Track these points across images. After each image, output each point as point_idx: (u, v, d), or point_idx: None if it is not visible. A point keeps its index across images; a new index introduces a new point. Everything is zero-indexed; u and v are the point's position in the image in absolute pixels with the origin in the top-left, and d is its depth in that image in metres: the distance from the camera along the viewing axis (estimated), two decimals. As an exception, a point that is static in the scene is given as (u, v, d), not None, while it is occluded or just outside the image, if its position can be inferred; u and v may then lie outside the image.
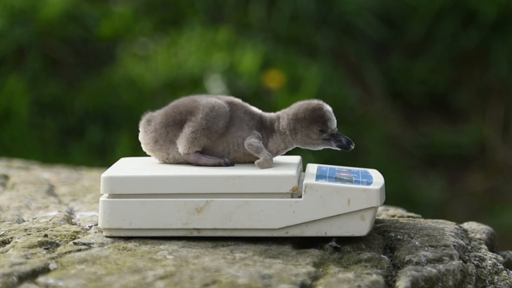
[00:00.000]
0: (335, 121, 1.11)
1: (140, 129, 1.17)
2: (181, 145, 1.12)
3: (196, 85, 2.86)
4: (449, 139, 3.04)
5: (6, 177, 1.50)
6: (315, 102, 1.12)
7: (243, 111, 1.14)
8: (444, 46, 3.13)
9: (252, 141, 1.11)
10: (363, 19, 3.09)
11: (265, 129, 1.13)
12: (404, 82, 3.13)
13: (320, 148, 1.13)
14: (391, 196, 1.59)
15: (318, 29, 3.09)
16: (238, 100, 1.15)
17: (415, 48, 3.17)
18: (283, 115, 1.13)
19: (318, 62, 2.99)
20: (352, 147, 1.11)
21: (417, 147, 3.05)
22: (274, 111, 1.19)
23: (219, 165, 1.12)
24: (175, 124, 1.14)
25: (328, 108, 1.12)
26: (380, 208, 1.30)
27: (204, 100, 1.14)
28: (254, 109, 1.15)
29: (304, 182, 1.08)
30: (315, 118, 1.11)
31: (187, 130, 1.12)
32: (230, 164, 1.12)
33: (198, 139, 1.12)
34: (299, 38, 3.08)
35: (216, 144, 1.13)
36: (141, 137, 1.17)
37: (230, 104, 1.14)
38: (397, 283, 1.00)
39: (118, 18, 3.21)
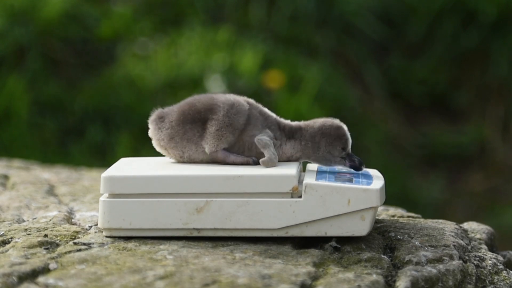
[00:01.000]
0: (351, 141, 1.15)
1: (151, 125, 1.17)
2: (208, 144, 1.13)
3: (196, 85, 2.86)
4: (449, 139, 3.04)
5: (6, 177, 1.50)
6: (337, 121, 1.15)
7: (258, 111, 1.16)
8: (444, 46, 3.13)
9: (263, 137, 1.13)
10: (363, 19, 3.09)
11: (282, 133, 1.15)
12: (404, 82, 3.13)
13: (335, 165, 1.15)
14: (391, 196, 1.59)
15: (318, 29, 3.09)
16: (252, 101, 1.17)
17: (415, 48, 3.17)
18: (307, 127, 1.15)
19: (318, 62, 2.99)
20: (363, 168, 1.14)
21: (417, 147, 3.05)
22: (275, 111, 1.19)
23: (247, 163, 1.13)
24: (194, 122, 1.14)
25: (346, 127, 1.16)
26: (380, 208, 1.30)
27: (222, 98, 1.15)
28: (267, 110, 1.17)
29: (304, 182, 1.08)
30: (340, 136, 1.14)
31: (211, 128, 1.13)
32: (257, 163, 1.13)
33: (225, 136, 1.13)
34: (299, 38, 3.08)
35: (233, 143, 1.14)
36: (152, 133, 1.17)
37: (247, 102, 1.15)
38: (397, 283, 1.00)
39: (118, 18, 3.22)
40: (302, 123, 1.16)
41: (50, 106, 3.11)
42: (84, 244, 1.08)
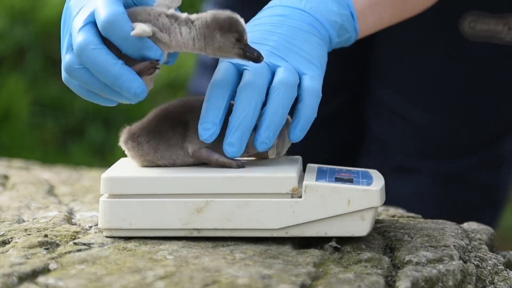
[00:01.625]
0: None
1: (127, 144, 1.13)
2: (191, 143, 1.11)
3: (196, 85, 2.86)
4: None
5: (6, 177, 1.50)
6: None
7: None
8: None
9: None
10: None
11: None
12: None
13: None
14: (391, 196, 1.58)
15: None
16: None
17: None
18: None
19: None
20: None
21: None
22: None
23: (230, 165, 1.11)
24: (174, 127, 1.12)
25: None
26: (380, 208, 1.30)
27: (195, 98, 1.13)
28: None
29: (304, 182, 1.08)
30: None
31: (194, 127, 1.11)
32: (242, 166, 1.11)
33: None
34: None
35: (216, 141, 1.11)
36: (133, 151, 1.13)
37: None
38: (397, 283, 1.00)
39: (118, 18, 3.21)
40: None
41: (50, 106, 3.11)
42: (84, 244, 1.08)
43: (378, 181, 1.11)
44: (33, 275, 0.98)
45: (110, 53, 1.06)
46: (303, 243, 1.10)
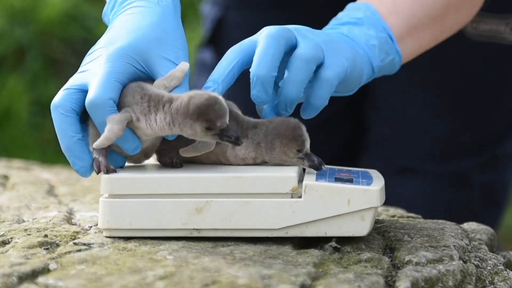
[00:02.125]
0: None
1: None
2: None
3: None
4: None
5: (6, 177, 1.50)
6: (295, 120, 1.10)
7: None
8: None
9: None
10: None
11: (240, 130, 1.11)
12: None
13: (293, 165, 1.11)
14: (391, 196, 1.58)
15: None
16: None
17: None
18: (262, 126, 1.10)
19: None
20: (323, 168, 1.10)
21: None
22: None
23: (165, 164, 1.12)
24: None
25: (304, 128, 1.10)
26: (380, 208, 1.30)
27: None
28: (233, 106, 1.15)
29: (304, 182, 1.08)
30: (295, 137, 1.09)
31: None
32: (179, 164, 1.11)
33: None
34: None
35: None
36: None
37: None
38: (397, 283, 1.00)
39: (118, 18, 3.21)
40: (258, 120, 1.12)
41: (50, 106, 3.11)
42: (84, 244, 1.08)
43: (378, 181, 1.11)
44: (33, 275, 0.98)
45: (75, 124, 1.09)
46: (303, 243, 1.10)
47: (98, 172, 1.09)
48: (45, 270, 0.99)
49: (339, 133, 1.80)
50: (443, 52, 1.65)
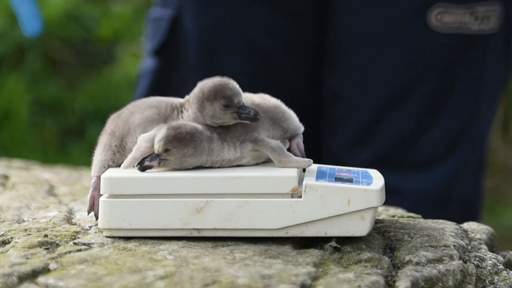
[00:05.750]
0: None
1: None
2: None
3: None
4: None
5: (6, 177, 1.50)
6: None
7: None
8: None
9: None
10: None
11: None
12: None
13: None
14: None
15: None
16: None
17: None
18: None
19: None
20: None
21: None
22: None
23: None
24: None
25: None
26: (380, 208, 1.30)
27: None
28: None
29: (304, 182, 1.08)
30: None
31: None
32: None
33: None
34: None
35: None
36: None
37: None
38: (397, 283, 1.00)
39: (118, 18, 3.22)
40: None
41: (50, 106, 3.11)
42: (84, 244, 1.08)
43: (378, 181, 1.11)
44: (33, 275, 0.98)
45: None
46: (303, 243, 1.10)
47: (90, 211, 1.14)
48: (45, 270, 0.99)
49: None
50: (408, 46, 1.65)
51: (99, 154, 1.14)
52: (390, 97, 1.69)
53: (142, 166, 1.09)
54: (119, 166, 1.13)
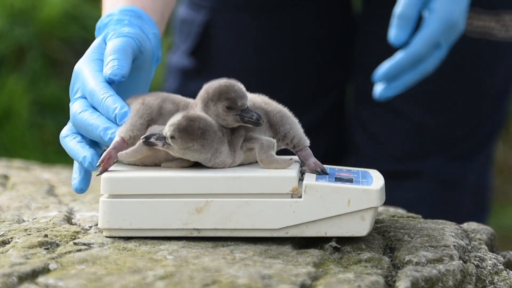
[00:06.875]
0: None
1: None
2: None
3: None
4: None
5: (6, 177, 1.50)
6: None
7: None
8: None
9: None
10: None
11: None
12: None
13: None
14: (391, 196, 1.58)
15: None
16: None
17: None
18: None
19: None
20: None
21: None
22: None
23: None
24: None
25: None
26: (380, 208, 1.30)
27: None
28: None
29: (304, 182, 1.08)
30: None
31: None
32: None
33: None
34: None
35: None
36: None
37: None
38: (397, 283, 1.00)
39: (118, 18, 3.21)
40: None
41: (50, 106, 3.11)
42: (84, 244, 1.08)
43: (378, 181, 1.11)
44: (33, 275, 0.98)
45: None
46: (303, 243, 1.10)
47: (99, 165, 1.10)
48: (45, 270, 0.99)
49: (322, 142, 1.80)
50: None
51: (132, 117, 1.11)
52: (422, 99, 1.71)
53: (147, 141, 1.08)
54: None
